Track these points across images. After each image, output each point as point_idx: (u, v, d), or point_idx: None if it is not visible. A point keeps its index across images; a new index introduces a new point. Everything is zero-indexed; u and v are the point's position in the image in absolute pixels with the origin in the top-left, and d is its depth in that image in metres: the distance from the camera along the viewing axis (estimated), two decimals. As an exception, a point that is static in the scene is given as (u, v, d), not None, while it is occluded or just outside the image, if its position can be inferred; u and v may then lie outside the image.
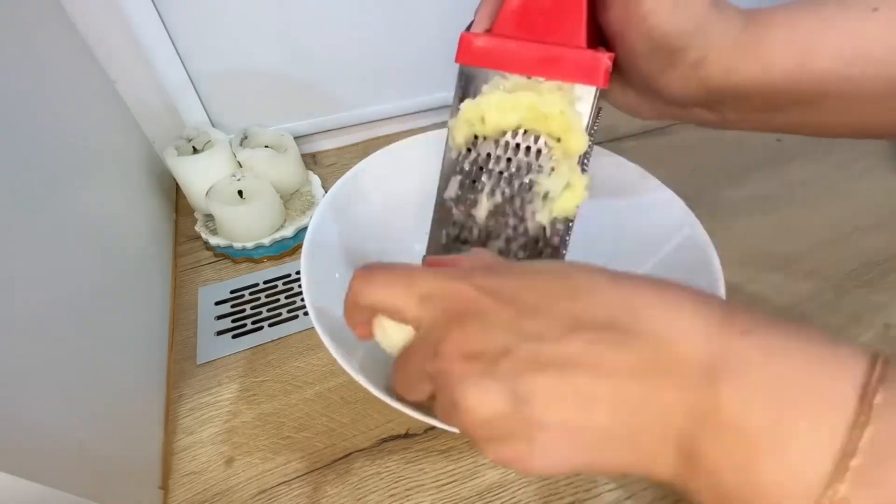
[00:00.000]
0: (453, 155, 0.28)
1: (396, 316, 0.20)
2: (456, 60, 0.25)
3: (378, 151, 0.38)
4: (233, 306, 0.42)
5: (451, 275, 0.19)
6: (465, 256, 0.21)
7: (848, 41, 0.21)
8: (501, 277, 0.18)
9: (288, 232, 0.45)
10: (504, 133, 0.26)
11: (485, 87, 0.26)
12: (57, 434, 0.23)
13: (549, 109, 0.24)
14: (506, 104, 0.25)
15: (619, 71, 0.25)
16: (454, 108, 0.27)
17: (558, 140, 0.25)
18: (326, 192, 0.35)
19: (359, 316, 0.21)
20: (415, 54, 0.55)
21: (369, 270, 0.20)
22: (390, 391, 0.24)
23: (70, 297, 0.28)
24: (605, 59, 0.23)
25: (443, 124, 0.27)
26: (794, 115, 0.24)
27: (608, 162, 0.37)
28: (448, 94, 0.59)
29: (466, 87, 0.26)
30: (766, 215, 0.48)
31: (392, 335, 0.21)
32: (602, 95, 0.25)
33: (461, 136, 0.27)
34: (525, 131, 0.26)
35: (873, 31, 0.21)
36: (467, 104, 0.26)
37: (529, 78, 0.24)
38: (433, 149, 0.38)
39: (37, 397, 0.23)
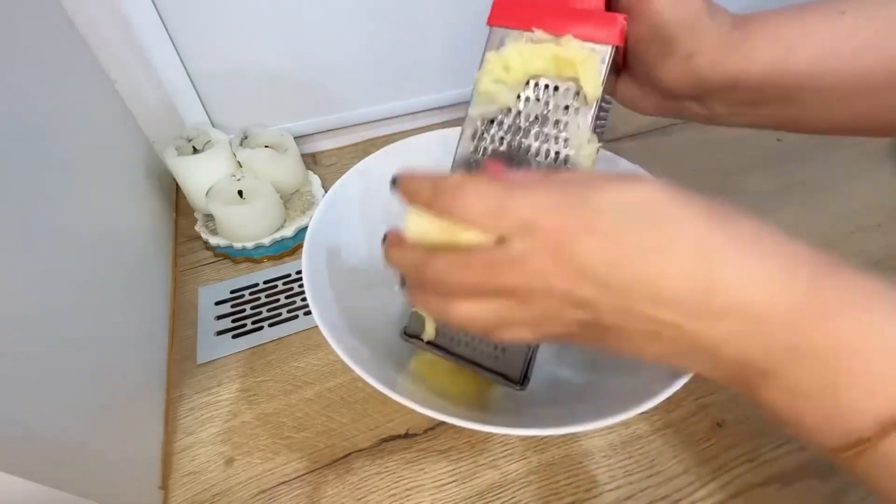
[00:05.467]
0: (476, 112, 0.29)
1: (479, 230, 0.20)
2: (488, 23, 0.28)
3: (378, 151, 0.38)
4: (233, 306, 0.42)
5: (547, 206, 0.19)
6: (530, 174, 0.21)
7: (821, 41, 0.24)
8: (593, 220, 0.18)
9: (288, 232, 0.45)
10: (525, 84, 0.28)
11: (509, 41, 0.28)
12: (57, 434, 0.23)
13: (572, 55, 0.26)
14: (528, 51, 0.27)
15: (623, 61, 0.28)
16: (480, 64, 0.28)
17: (577, 94, 0.27)
18: (326, 192, 0.35)
19: (422, 206, 0.21)
20: (415, 54, 0.55)
21: (449, 188, 0.20)
22: (392, 388, 0.24)
23: (70, 296, 0.28)
24: (620, 18, 0.25)
25: (443, 124, 0.27)
26: (776, 109, 0.27)
27: (607, 162, 0.37)
28: (448, 94, 0.59)
29: (495, 46, 0.28)
30: (766, 215, 0.48)
31: (431, 229, 0.20)
32: (616, 58, 0.26)
33: (484, 85, 0.28)
34: (546, 86, 0.27)
35: (841, 33, 0.24)
36: (492, 54, 0.28)
37: (552, 37, 0.27)
38: (434, 148, 0.38)
39: (37, 397, 0.23)
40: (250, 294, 0.43)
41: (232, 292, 0.43)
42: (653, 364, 0.24)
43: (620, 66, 0.28)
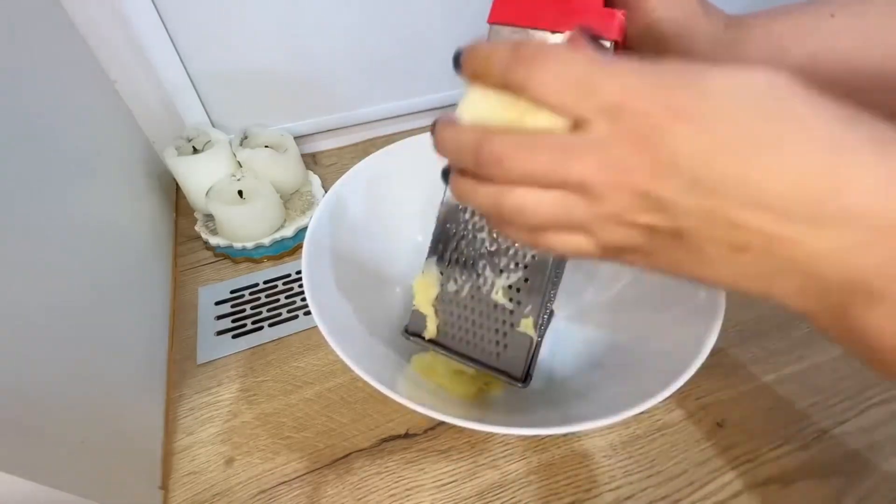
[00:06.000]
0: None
1: (558, 108, 0.17)
2: (488, 20, 0.27)
3: (378, 151, 0.38)
4: (233, 306, 0.42)
5: (641, 86, 0.16)
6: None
7: (812, 43, 0.24)
8: (695, 103, 0.16)
9: (288, 232, 0.45)
10: None
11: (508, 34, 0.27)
12: (57, 434, 0.23)
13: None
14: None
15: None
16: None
17: None
18: (326, 191, 0.35)
19: (494, 81, 0.19)
20: (415, 54, 0.55)
21: (529, 57, 0.17)
22: (392, 389, 0.24)
23: (70, 297, 0.28)
24: (619, 14, 0.25)
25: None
26: None
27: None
28: (448, 94, 0.59)
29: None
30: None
31: (495, 110, 0.18)
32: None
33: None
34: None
35: (832, 34, 0.24)
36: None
37: (553, 33, 0.26)
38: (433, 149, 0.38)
39: (37, 397, 0.23)
40: (250, 294, 0.43)
41: (232, 292, 0.43)
42: (724, 288, 0.20)
43: None
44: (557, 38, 0.26)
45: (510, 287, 0.28)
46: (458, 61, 0.20)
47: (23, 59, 0.31)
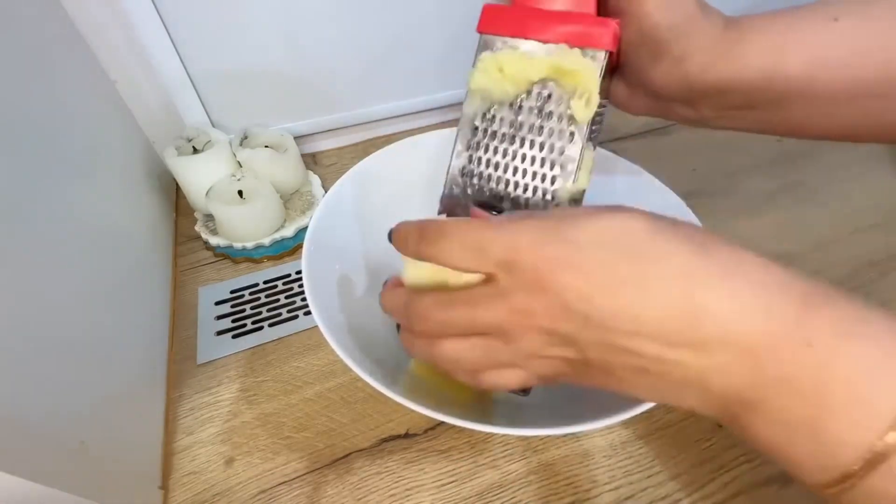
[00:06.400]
0: (469, 110, 0.28)
1: (463, 270, 0.20)
2: (478, 29, 0.27)
3: (378, 151, 0.38)
4: (233, 306, 0.42)
5: (524, 243, 0.19)
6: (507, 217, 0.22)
7: (813, 47, 0.24)
8: (570, 254, 0.19)
9: (288, 232, 0.45)
10: (517, 96, 0.27)
11: (503, 48, 0.27)
12: (57, 434, 0.23)
13: (570, 65, 0.26)
14: (525, 60, 0.26)
15: (615, 63, 0.27)
16: (474, 63, 0.28)
17: (571, 100, 0.26)
18: (326, 191, 0.35)
19: (412, 255, 0.22)
20: (415, 54, 0.55)
21: (432, 234, 0.21)
22: (392, 389, 0.24)
23: (69, 296, 0.28)
24: (612, 24, 0.25)
25: (443, 124, 0.27)
26: (765, 113, 0.26)
27: (608, 162, 0.37)
28: (447, 94, 0.59)
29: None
30: (766, 215, 0.48)
31: (425, 275, 0.22)
32: (609, 63, 0.26)
33: (477, 84, 0.28)
34: (539, 93, 0.27)
35: (833, 39, 0.24)
36: (486, 54, 0.27)
37: (544, 44, 0.26)
38: (434, 149, 0.38)
39: (37, 397, 0.23)
40: (250, 294, 0.43)
41: (232, 292, 0.43)
42: (648, 401, 0.24)
43: (613, 68, 0.28)
44: (548, 49, 0.26)
45: None
46: (389, 237, 0.23)
47: (23, 59, 0.31)
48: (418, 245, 0.21)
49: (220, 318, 0.41)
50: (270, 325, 0.40)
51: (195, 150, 0.46)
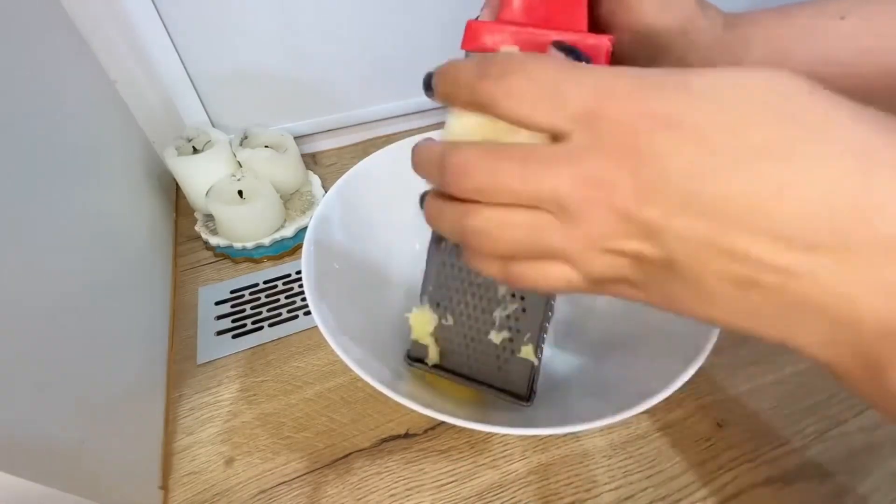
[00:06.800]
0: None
1: (531, 120, 0.15)
2: (462, 47, 0.25)
3: (378, 151, 0.38)
4: (233, 306, 0.42)
5: (619, 88, 0.14)
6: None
7: (818, 46, 0.23)
8: (682, 110, 0.13)
9: (288, 232, 0.45)
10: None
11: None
12: (57, 434, 0.23)
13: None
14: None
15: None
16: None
17: None
18: (326, 192, 0.35)
19: (463, 102, 0.17)
20: (415, 54, 0.55)
21: (497, 68, 0.15)
22: (392, 389, 0.24)
23: (70, 296, 0.28)
24: (605, 40, 0.23)
25: (443, 124, 0.27)
26: None
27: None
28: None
29: None
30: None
31: (475, 130, 0.17)
32: None
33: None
34: None
35: (840, 38, 0.23)
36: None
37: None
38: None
39: (37, 397, 0.23)
40: (250, 294, 0.43)
41: (232, 292, 0.43)
42: (735, 331, 0.15)
43: None
44: None
45: (508, 317, 0.28)
46: (429, 84, 0.18)
47: (23, 59, 0.31)
48: (477, 82, 0.16)
49: (220, 318, 0.41)
50: (270, 325, 0.40)
51: (195, 150, 0.46)
